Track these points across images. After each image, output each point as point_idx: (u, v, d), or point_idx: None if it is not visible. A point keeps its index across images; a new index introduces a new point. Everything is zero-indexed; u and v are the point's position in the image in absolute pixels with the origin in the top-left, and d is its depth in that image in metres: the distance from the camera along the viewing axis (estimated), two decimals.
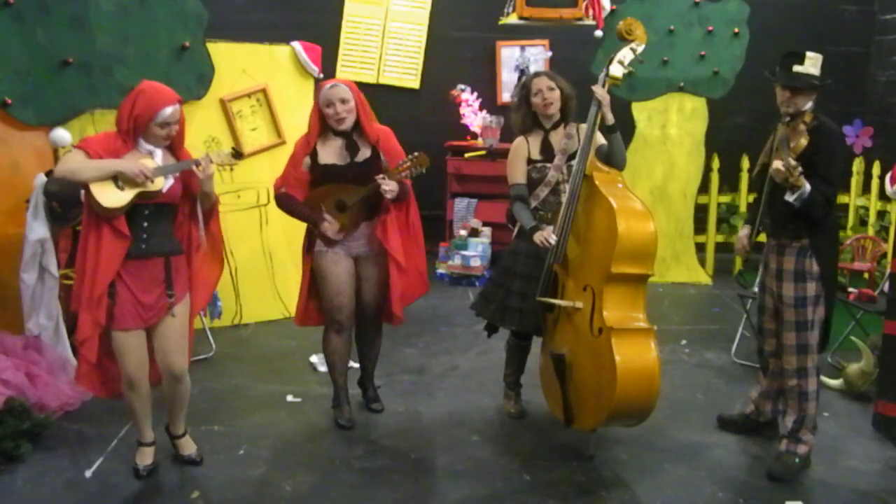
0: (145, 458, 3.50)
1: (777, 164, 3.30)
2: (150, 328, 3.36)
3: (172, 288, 3.36)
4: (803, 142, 3.34)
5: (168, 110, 3.22)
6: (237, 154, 3.53)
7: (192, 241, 3.47)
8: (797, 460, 3.55)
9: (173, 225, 3.42)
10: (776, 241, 3.60)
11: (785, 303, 3.55)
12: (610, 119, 3.65)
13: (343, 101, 3.64)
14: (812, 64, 3.44)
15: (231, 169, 4.74)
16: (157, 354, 3.41)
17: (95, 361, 3.32)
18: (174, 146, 3.40)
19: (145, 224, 3.30)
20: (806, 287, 3.51)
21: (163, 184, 3.29)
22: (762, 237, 3.75)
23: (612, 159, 3.72)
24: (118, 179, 3.19)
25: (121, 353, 3.30)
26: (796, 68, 3.43)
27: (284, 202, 3.79)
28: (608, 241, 3.43)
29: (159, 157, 3.34)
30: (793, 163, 3.23)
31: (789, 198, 3.32)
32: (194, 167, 3.31)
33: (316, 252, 3.82)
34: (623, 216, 3.42)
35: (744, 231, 3.81)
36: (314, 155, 3.74)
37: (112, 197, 3.19)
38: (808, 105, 3.46)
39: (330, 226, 3.70)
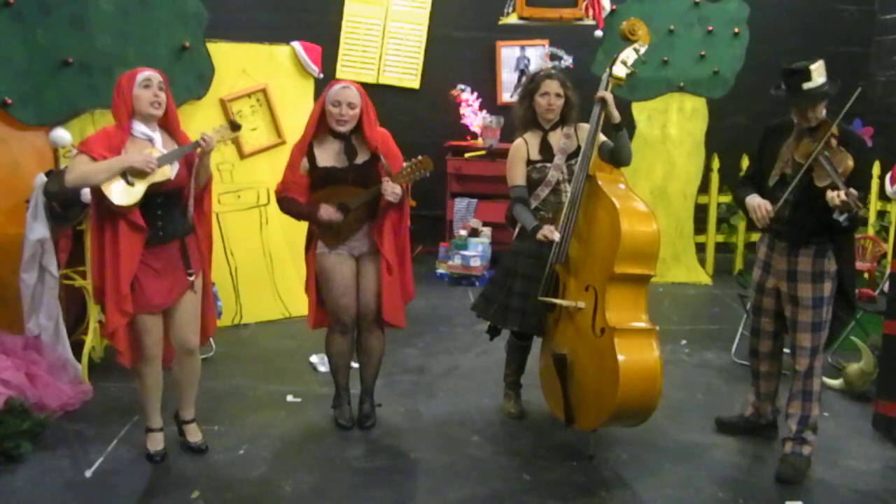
0: (156, 443, 3.60)
1: (839, 195, 3.10)
2: (168, 307, 3.49)
3: (191, 266, 3.49)
4: (850, 164, 3.20)
5: (145, 73, 3.34)
6: (235, 125, 3.56)
7: (199, 214, 3.59)
8: (802, 461, 3.55)
9: (183, 205, 3.50)
10: (787, 243, 3.52)
11: (802, 304, 3.50)
12: (616, 117, 3.64)
13: (350, 106, 3.63)
14: (818, 74, 3.30)
15: (233, 142, 4.77)
16: (172, 330, 3.53)
17: (127, 346, 3.46)
18: (171, 129, 3.46)
19: (159, 212, 3.40)
20: (824, 287, 3.47)
21: (171, 172, 3.35)
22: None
23: (618, 155, 3.70)
24: (127, 175, 3.26)
25: (140, 332, 3.43)
26: (807, 86, 3.29)
27: (286, 204, 3.78)
28: (611, 241, 3.43)
29: (159, 142, 3.39)
30: (854, 193, 3.10)
31: (839, 217, 3.17)
32: (201, 143, 3.38)
33: (319, 254, 3.81)
34: (626, 217, 3.42)
35: (760, 199, 3.45)
36: (312, 158, 3.72)
37: (124, 194, 3.26)
38: (824, 111, 3.39)
39: (326, 210, 3.65)
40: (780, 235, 3.55)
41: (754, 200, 3.47)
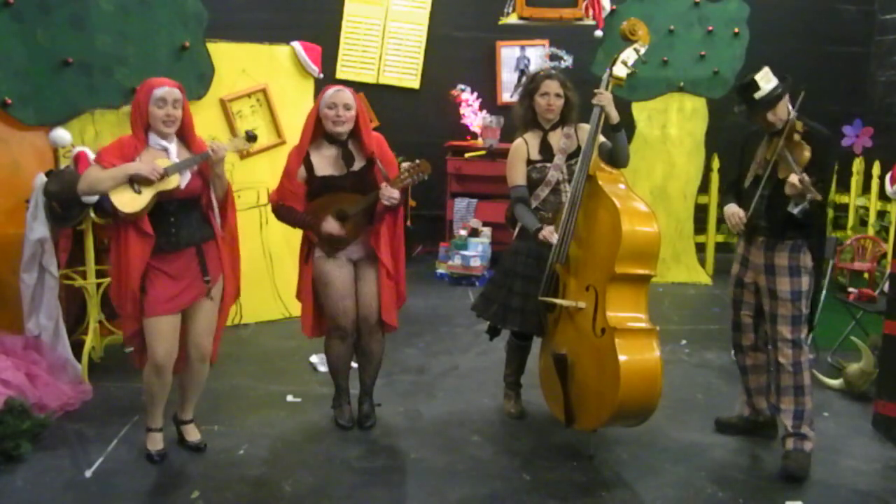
0: (156, 443, 3.62)
1: (793, 179, 3.30)
2: (184, 312, 3.50)
3: (208, 273, 3.49)
4: (807, 154, 3.38)
5: (161, 90, 3.34)
6: (251, 136, 3.59)
7: (223, 226, 3.61)
8: (805, 457, 3.56)
9: (202, 213, 3.52)
10: (765, 238, 3.61)
11: (780, 298, 3.57)
12: (615, 118, 3.64)
13: (346, 107, 3.64)
14: (765, 81, 3.47)
15: (247, 153, 4.89)
16: (188, 336, 3.54)
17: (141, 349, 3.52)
18: (186, 138, 3.49)
19: (172, 219, 3.43)
20: (801, 281, 3.56)
21: (179, 181, 3.38)
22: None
23: (616, 157, 3.71)
24: (135, 183, 3.30)
25: (151, 337, 3.43)
26: (758, 95, 3.47)
27: (283, 213, 3.78)
28: (612, 241, 3.43)
29: (174, 152, 3.42)
30: (807, 178, 3.27)
31: (793, 209, 3.35)
32: (211, 152, 3.40)
33: (317, 258, 3.79)
34: (627, 217, 3.42)
35: (735, 208, 3.65)
36: (309, 166, 3.71)
37: (131, 201, 3.31)
38: (790, 110, 3.49)
39: (329, 224, 3.67)
40: (758, 231, 3.65)
41: (730, 209, 3.67)
